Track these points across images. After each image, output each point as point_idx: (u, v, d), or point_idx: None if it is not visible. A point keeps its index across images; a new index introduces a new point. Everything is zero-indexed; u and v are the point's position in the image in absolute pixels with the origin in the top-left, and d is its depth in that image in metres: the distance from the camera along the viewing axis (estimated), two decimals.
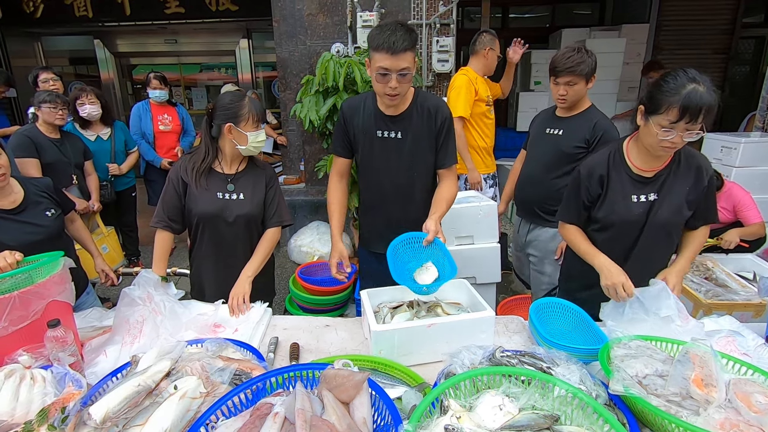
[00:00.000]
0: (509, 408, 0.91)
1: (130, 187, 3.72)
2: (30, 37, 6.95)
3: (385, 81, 1.55)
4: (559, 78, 2.03)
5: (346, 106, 1.80)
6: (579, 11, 6.91)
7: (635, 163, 1.51)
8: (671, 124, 1.29)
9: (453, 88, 3.05)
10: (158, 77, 3.91)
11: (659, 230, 1.52)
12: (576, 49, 2.00)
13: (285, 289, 3.39)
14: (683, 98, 1.26)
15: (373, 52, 1.54)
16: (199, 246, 1.82)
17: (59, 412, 0.96)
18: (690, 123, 1.28)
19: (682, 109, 1.26)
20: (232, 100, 1.67)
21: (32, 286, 1.21)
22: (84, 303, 1.86)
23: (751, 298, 2.24)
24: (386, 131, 1.73)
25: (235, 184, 1.76)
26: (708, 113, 1.26)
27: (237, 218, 1.75)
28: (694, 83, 1.26)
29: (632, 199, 1.51)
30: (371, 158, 1.78)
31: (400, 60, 1.51)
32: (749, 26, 5.77)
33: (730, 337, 1.27)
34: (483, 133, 3.15)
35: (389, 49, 1.49)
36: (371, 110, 1.74)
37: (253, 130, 1.67)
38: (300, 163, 4.54)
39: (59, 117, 2.86)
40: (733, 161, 3.62)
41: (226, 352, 1.24)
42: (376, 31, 1.53)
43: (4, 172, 1.57)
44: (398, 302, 1.54)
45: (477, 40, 3.07)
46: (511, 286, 3.62)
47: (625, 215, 1.52)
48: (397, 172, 1.77)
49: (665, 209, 1.49)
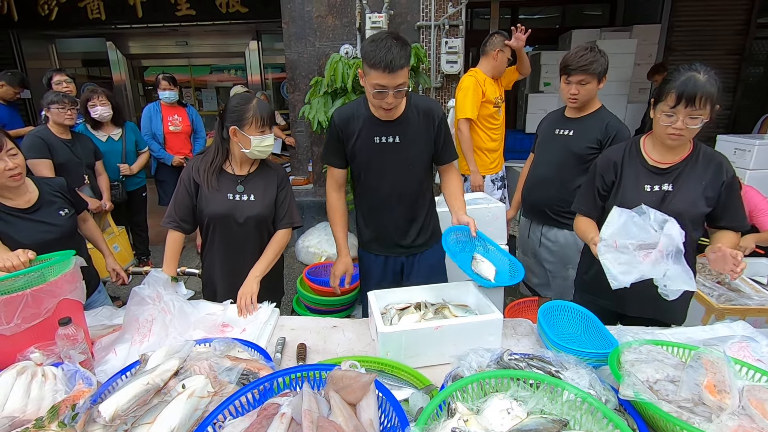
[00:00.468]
0: (517, 412, 0.91)
1: (141, 187, 3.77)
2: (44, 39, 7.08)
3: (382, 97, 1.55)
4: (571, 77, 2.01)
5: (337, 116, 1.77)
6: (589, 12, 6.85)
7: (651, 155, 1.55)
8: (671, 109, 1.37)
9: (460, 89, 3.05)
10: (167, 78, 3.95)
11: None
12: (589, 48, 1.99)
13: (292, 290, 3.40)
14: (679, 84, 1.35)
15: (368, 68, 1.52)
16: (210, 246, 1.83)
17: (69, 409, 0.96)
18: (689, 108, 1.34)
19: (678, 94, 1.34)
20: (239, 102, 1.67)
21: (44, 284, 1.22)
22: (95, 301, 1.89)
23: (765, 303, 2.19)
24: (384, 136, 1.72)
25: (245, 185, 1.77)
26: (707, 100, 1.33)
27: (247, 219, 1.75)
28: (694, 71, 1.35)
29: (645, 188, 1.53)
30: (370, 164, 1.77)
31: (396, 77, 1.50)
32: (764, 27, 5.68)
33: (744, 342, 1.24)
34: (490, 134, 3.13)
35: (386, 68, 1.47)
36: (366, 117, 1.72)
37: (258, 134, 1.66)
38: (308, 164, 4.57)
39: (68, 117, 2.89)
40: (747, 164, 3.57)
41: (233, 351, 1.25)
42: (370, 47, 1.50)
43: (20, 172, 1.60)
44: (405, 303, 1.54)
45: (488, 41, 3.06)
46: (519, 288, 3.60)
47: (636, 204, 1.51)
48: (398, 175, 1.77)
49: (679, 200, 1.49)
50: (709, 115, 1.37)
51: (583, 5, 6.83)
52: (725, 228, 1.53)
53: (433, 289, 1.60)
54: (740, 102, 5.88)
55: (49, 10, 6.37)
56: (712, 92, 1.33)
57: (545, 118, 2.38)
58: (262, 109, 1.66)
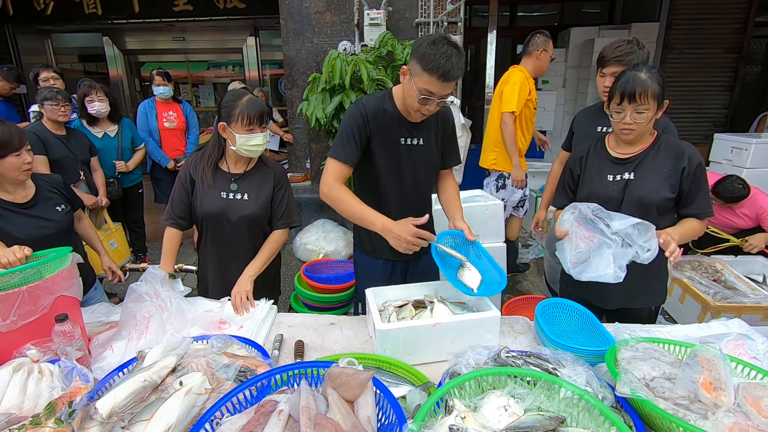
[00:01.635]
0: (514, 409, 0.91)
1: (136, 183, 3.74)
2: (40, 34, 7.01)
3: (425, 103, 1.47)
4: (605, 68, 1.91)
5: (366, 106, 1.60)
6: (588, 9, 6.84)
7: (614, 149, 1.67)
8: (618, 106, 1.52)
9: (509, 82, 3.00)
10: (161, 74, 3.91)
11: (636, 207, 1.57)
12: (627, 41, 1.90)
13: (290, 287, 3.40)
14: (621, 83, 1.49)
15: (420, 70, 1.41)
16: (204, 243, 1.83)
17: (66, 406, 0.96)
18: (634, 104, 1.47)
19: (621, 92, 1.49)
20: (230, 98, 1.64)
21: (41, 281, 1.22)
22: (92, 298, 1.89)
23: (760, 301, 2.21)
24: (409, 138, 1.64)
25: (239, 183, 1.74)
26: (647, 95, 1.44)
27: (239, 219, 1.73)
28: (636, 71, 1.48)
29: (608, 178, 1.64)
30: (390, 165, 1.66)
31: (447, 87, 1.44)
32: (762, 25, 5.68)
33: (739, 340, 1.25)
34: (524, 134, 3.11)
35: (442, 76, 1.38)
36: (393, 115, 1.61)
37: (245, 132, 1.61)
38: (306, 160, 4.56)
39: (62, 113, 2.88)
40: (744, 162, 3.58)
41: (231, 348, 1.25)
42: (430, 50, 1.38)
43: (29, 168, 1.65)
44: (403, 301, 1.54)
45: (530, 41, 3.01)
46: (516, 286, 3.61)
47: (600, 193, 1.64)
48: (415, 178, 1.70)
49: (641, 187, 1.58)
50: (655, 109, 1.48)
51: (582, 3, 6.82)
52: (690, 215, 1.59)
53: (431, 286, 1.60)
54: (737, 101, 5.89)
55: (44, 5, 6.31)
56: (653, 87, 1.44)
57: (580, 113, 2.27)
58: (251, 108, 1.61)
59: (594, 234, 1.46)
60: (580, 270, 1.46)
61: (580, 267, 1.47)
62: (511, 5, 6.65)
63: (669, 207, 1.60)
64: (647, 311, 1.75)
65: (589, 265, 1.44)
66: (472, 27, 6.51)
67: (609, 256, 1.41)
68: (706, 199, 1.57)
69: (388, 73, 3.36)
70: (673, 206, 1.61)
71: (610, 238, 1.43)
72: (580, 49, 5.85)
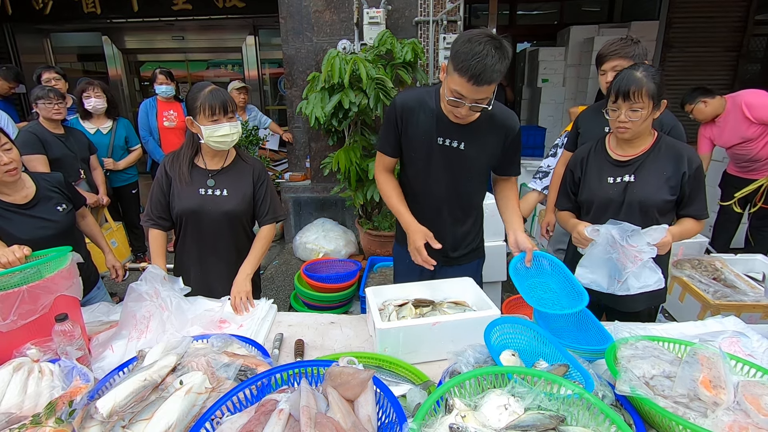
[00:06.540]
0: (515, 408, 0.91)
1: (129, 184, 3.72)
2: (39, 33, 6.99)
3: (455, 105, 1.35)
4: (604, 65, 1.89)
5: (400, 101, 1.54)
6: (587, 8, 6.83)
7: (614, 150, 1.66)
8: (613, 105, 1.52)
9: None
10: (164, 72, 3.92)
11: (636, 209, 1.59)
12: (620, 38, 1.89)
13: (290, 286, 3.40)
14: (616, 82, 1.51)
15: (452, 68, 1.29)
16: (182, 242, 1.80)
17: (66, 405, 0.96)
18: (628, 102, 1.48)
19: (616, 91, 1.50)
20: (193, 91, 1.62)
21: (41, 280, 1.22)
22: (95, 297, 1.89)
23: (759, 300, 2.21)
24: (448, 139, 1.52)
25: (216, 179, 1.72)
26: (642, 93, 1.45)
27: (219, 215, 1.72)
28: (632, 70, 1.49)
29: (608, 180, 1.64)
30: (424, 165, 1.58)
31: (480, 92, 1.28)
32: (761, 23, 5.67)
33: (735, 338, 1.25)
34: None
35: (472, 78, 1.24)
36: (433, 112, 1.51)
37: (209, 123, 1.59)
38: (306, 160, 4.55)
39: (56, 112, 2.86)
40: None
41: (231, 347, 1.25)
42: (464, 47, 1.25)
43: (16, 167, 1.58)
44: (403, 300, 1.54)
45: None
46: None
47: (600, 195, 1.65)
48: (452, 183, 1.60)
49: (641, 189, 1.58)
50: (650, 108, 1.48)
51: (582, 1, 6.81)
52: (688, 216, 1.61)
53: (431, 286, 1.60)
54: None
55: (43, 4, 6.29)
56: (648, 86, 1.44)
57: (584, 112, 2.18)
58: (212, 98, 1.57)
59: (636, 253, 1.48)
60: (627, 286, 1.50)
61: (626, 284, 1.51)
62: (510, 4, 6.64)
63: (669, 209, 1.61)
64: (647, 310, 1.76)
65: (636, 278, 1.49)
66: (472, 26, 6.49)
67: (652, 266, 1.48)
68: (704, 201, 1.59)
69: (387, 71, 3.35)
70: (672, 207, 1.61)
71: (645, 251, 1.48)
72: (580, 47, 5.85)
